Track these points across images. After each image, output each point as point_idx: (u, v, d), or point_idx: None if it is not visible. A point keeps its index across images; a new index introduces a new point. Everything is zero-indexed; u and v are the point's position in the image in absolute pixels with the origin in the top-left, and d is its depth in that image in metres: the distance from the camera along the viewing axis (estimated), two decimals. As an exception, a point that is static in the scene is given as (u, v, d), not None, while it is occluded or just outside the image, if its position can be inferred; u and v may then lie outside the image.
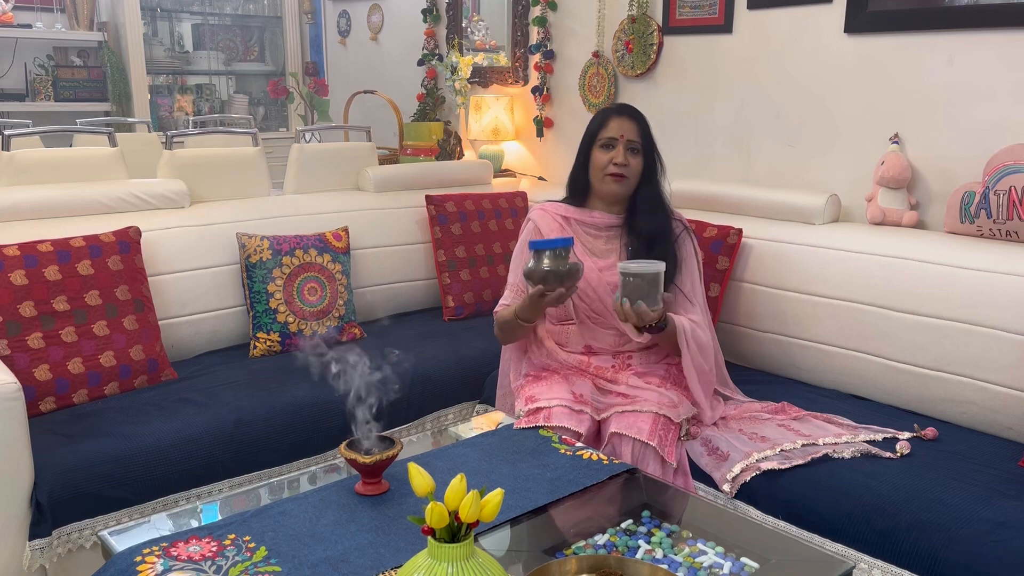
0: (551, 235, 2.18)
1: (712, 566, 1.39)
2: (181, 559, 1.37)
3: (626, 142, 2.11)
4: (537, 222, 2.21)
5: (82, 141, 3.52)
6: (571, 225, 2.19)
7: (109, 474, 1.89)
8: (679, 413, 2.01)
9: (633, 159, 2.12)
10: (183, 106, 5.37)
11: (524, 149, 3.83)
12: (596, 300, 2.12)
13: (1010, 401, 2.01)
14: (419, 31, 4.22)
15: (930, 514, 1.64)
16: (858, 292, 2.28)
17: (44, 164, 2.59)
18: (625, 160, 2.11)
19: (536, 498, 1.60)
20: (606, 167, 2.12)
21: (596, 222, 2.19)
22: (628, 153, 2.11)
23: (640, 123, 2.14)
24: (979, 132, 2.35)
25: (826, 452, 1.88)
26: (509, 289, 2.21)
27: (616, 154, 2.11)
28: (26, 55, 4.72)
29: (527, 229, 2.24)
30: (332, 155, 3.13)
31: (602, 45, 3.34)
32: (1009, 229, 2.19)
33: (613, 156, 2.11)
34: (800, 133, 2.78)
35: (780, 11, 2.77)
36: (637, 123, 2.14)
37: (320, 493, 1.61)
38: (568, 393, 2.02)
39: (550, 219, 2.20)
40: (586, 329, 2.16)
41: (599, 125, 2.15)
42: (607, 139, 2.12)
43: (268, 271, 2.55)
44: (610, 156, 2.11)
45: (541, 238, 2.17)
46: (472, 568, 1.14)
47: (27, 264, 2.13)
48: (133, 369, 2.24)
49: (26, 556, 1.80)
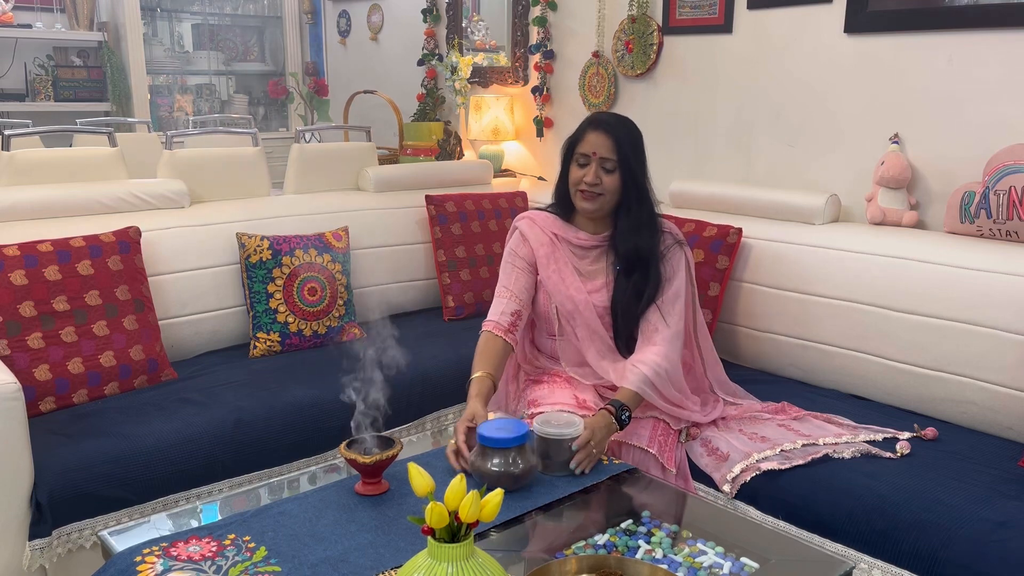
0: (539, 249, 2.06)
1: (712, 566, 1.39)
2: (181, 559, 1.37)
3: (599, 160, 1.97)
4: (525, 232, 2.10)
5: (82, 141, 3.53)
6: (559, 242, 2.08)
7: (109, 474, 1.89)
8: (678, 420, 2.00)
9: (607, 177, 1.98)
10: (183, 106, 5.37)
11: (524, 149, 3.83)
12: (583, 324, 2.04)
13: (1010, 401, 2.01)
14: (419, 31, 4.22)
15: (930, 514, 1.64)
16: (858, 292, 2.27)
17: (44, 164, 2.59)
18: (596, 179, 1.97)
19: (536, 498, 1.60)
20: (578, 184, 2.01)
21: (582, 243, 2.07)
22: (602, 171, 1.98)
23: (617, 138, 1.97)
24: (979, 132, 2.35)
25: (826, 452, 1.88)
26: (497, 298, 2.09)
27: (588, 172, 1.98)
28: (26, 55, 4.72)
29: (513, 238, 2.13)
30: (332, 155, 3.13)
31: (602, 45, 3.34)
32: (1009, 229, 2.19)
33: (584, 174, 1.99)
34: (800, 133, 2.78)
35: (780, 11, 2.77)
36: (613, 139, 1.97)
37: (320, 493, 1.61)
38: (571, 397, 2.00)
39: (540, 232, 2.09)
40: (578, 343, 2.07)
41: (576, 138, 2.03)
42: (580, 155, 2.01)
43: (268, 271, 2.54)
44: (582, 174, 2.00)
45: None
46: (472, 568, 1.14)
47: (27, 264, 2.13)
48: (133, 369, 2.24)
49: (26, 556, 1.80)
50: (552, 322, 2.08)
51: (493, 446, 1.60)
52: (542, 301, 2.08)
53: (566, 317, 2.05)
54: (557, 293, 2.05)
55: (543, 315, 2.10)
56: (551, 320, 2.08)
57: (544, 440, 1.69)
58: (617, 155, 1.97)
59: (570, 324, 2.05)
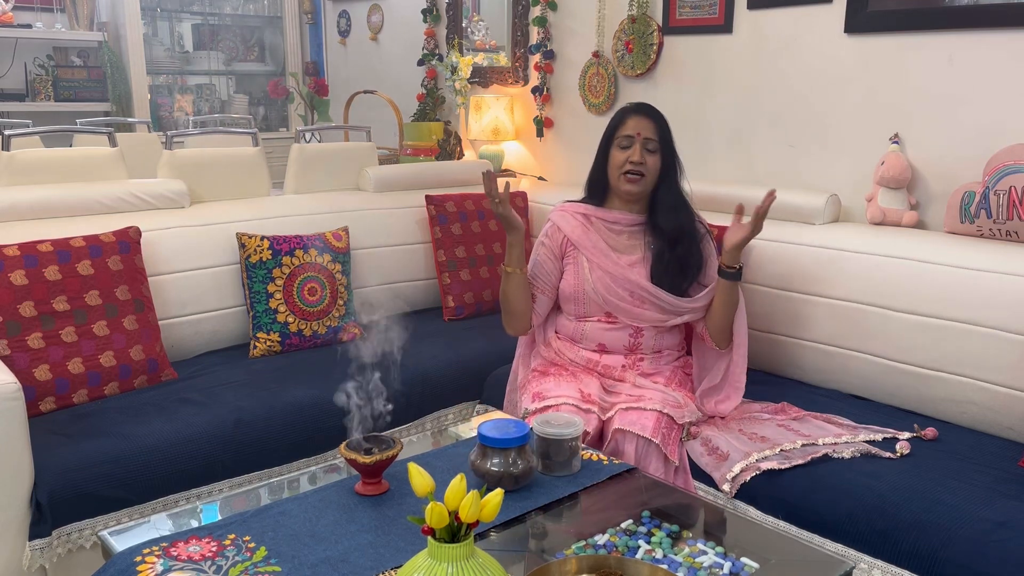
0: (572, 234, 2.17)
1: (712, 566, 1.39)
2: (181, 559, 1.37)
3: (643, 140, 2.11)
4: (557, 222, 2.21)
5: (82, 141, 3.52)
6: (592, 223, 2.19)
7: (109, 474, 1.89)
8: (683, 414, 2.01)
9: (650, 158, 2.12)
10: (183, 106, 5.37)
11: (524, 149, 3.83)
12: (621, 298, 2.12)
13: (1010, 401, 2.01)
14: (419, 31, 4.22)
15: (930, 514, 1.64)
16: (858, 292, 2.27)
17: (44, 164, 2.59)
18: (641, 159, 2.11)
19: (536, 498, 1.60)
20: (623, 165, 2.12)
21: (618, 219, 2.19)
22: (644, 152, 2.11)
23: (658, 122, 2.14)
24: (979, 132, 2.35)
25: (826, 452, 1.88)
26: None
27: (632, 152, 2.11)
28: (26, 55, 4.72)
29: (545, 227, 2.24)
30: (332, 155, 3.13)
31: (602, 45, 3.34)
32: (1009, 229, 2.19)
33: (629, 155, 2.11)
34: (800, 133, 2.78)
35: (780, 11, 2.77)
36: (654, 122, 2.13)
37: (320, 493, 1.61)
38: (576, 391, 2.02)
39: (570, 218, 2.20)
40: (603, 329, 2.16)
41: (617, 123, 2.16)
42: (624, 137, 2.13)
43: (268, 271, 2.54)
44: (627, 155, 2.12)
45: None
46: (472, 568, 1.14)
47: (27, 264, 2.13)
48: (133, 369, 2.24)
49: (26, 556, 1.80)
50: (581, 303, 2.15)
51: (493, 446, 1.59)
52: (572, 280, 2.17)
53: (605, 290, 2.13)
54: (595, 268, 2.14)
55: (571, 296, 2.18)
56: (580, 301, 2.15)
57: (544, 440, 1.69)
58: (659, 136, 2.13)
59: (611, 297, 2.13)
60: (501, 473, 1.59)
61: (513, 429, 1.61)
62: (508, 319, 2.22)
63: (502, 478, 1.58)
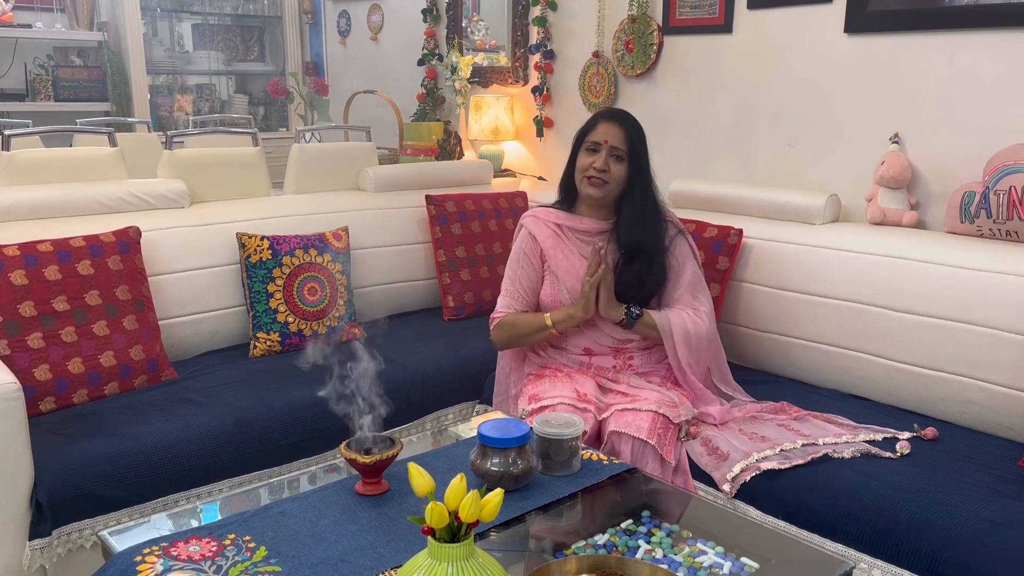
0: (545, 241, 2.19)
1: (712, 566, 1.39)
2: (181, 559, 1.37)
3: (609, 148, 2.11)
4: (530, 229, 2.23)
5: (82, 141, 3.52)
6: (564, 233, 2.20)
7: (109, 474, 1.89)
8: (679, 414, 2.01)
9: (615, 166, 2.12)
10: (183, 106, 5.37)
11: (524, 149, 3.83)
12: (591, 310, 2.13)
13: (1010, 401, 2.01)
14: (419, 31, 4.22)
15: (930, 514, 1.64)
16: (858, 292, 2.27)
17: (44, 164, 2.59)
18: (605, 166, 2.11)
19: (536, 498, 1.60)
20: (587, 170, 2.13)
21: (587, 228, 2.20)
22: (610, 159, 2.11)
23: (628, 130, 2.12)
24: (979, 132, 2.35)
25: (826, 452, 1.88)
26: (505, 295, 2.22)
27: (597, 159, 2.11)
28: (26, 55, 4.72)
29: (520, 236, 2.25)
30: (332, 155, 3.13)
31: (602, 45, 3.34)
32: (1009, 229, 2.19)
33: (594, 160, 2.12)
34: (800, 133, 2.78)
35: (780, 11, 2.77)
36: (625, 130, 2.12)
37: (320, 493, 1.61)
38: (572, 391, 2.02)
39: (543, 226, 2.22)
40: (584, 330, 2.16)
41: (588, 128, 2.17)
42: (591, 143, 2.13)
43: (268, 271, 2.54)
44: (592, 160, 2.12)
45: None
46: (472, 568, 1.14)
47: (27, 264, 2.13)
48: (133, 369, 2.24)
49: (26, 556, 1.80)
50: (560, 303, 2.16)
51: (493, 446, 1.59)
52: (550, 291, 2.18)
53: (575, 299, 2.13)
54: (567, 277, 2.16)
55: (549, 305, 2.18)
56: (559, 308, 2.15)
57: (544, 440, 1.69)
58: (627, 146, 2.11)
59: None
60: (501, 473, 1.59)
61: (513, 429, 1.61)
62: (507, 346, 2.25)
63: (502, 478, 1.58)
